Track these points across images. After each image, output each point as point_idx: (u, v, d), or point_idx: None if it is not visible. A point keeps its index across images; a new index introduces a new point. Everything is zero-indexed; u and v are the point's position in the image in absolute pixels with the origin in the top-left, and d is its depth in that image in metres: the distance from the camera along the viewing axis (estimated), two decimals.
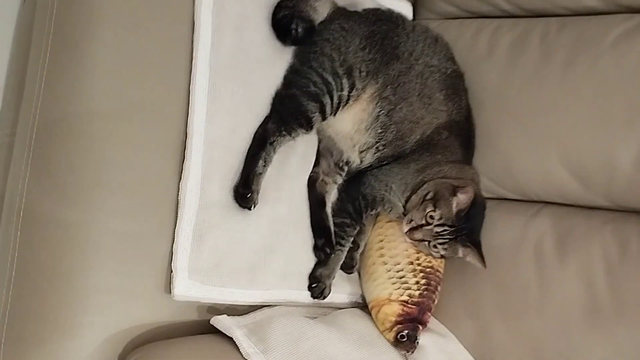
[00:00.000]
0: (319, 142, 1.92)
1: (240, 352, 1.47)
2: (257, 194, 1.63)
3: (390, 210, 1.94)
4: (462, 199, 1.80)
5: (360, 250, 2.00)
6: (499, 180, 2.06)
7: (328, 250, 1.84)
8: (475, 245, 1.85)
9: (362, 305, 2.02)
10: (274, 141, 1.68)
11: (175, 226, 1.47)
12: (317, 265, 1.86)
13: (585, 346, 1.75)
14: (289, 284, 1.77)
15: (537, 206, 2.05)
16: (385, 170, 1.92)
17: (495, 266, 1.95)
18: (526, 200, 2.08)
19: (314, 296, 1.84)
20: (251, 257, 1.65)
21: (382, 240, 1.97)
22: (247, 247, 1.64)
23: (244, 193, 1.60)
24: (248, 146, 1.65)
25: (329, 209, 1.89)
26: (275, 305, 1.76)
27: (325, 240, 1.84)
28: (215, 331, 1.54)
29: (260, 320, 1.62)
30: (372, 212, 1.95)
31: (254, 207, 1.62)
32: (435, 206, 1.82)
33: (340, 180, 1.95)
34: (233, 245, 1.61)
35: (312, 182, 1.88)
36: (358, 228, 1.94)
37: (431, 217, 1.82)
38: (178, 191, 1.50)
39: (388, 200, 1.91)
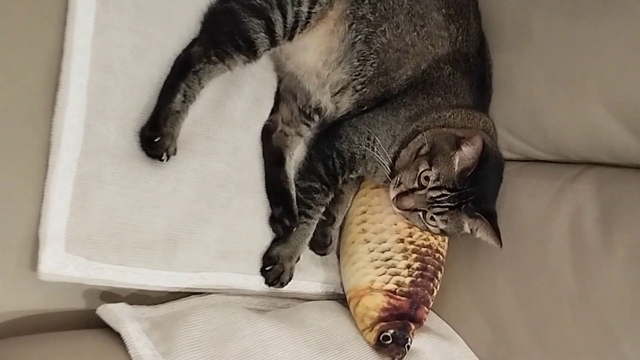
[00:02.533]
0: (279, 81, 1.47)
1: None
2: (173, 139, 1.19)
3: (374, 172, 1.47)
4: (467, 153, 1.32)
5: (336, 225, 1.54)
6: (524, 135, 1.56)
7: (288, 223, 1.38)
8: (488, 216, 1.35)
9: (342, 298, 1.55)
10: (199, 70, 1.23)
11: (46, 178, 1.03)
12: (275, 242, 1.40)
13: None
14: (232, 266, 1.33)
15: (576, 168, 1.54)
16: (367, 119, 1.46)
17: (516, 247, 1.46)
18: (560, 160, 1.58)
19: (268, 282, 1.39)
20: (169, 227, 1.22)
21: (364, 212, 1.50)
22: (161, 212, 1.20)
23: (151, 136, 1.16)
24: (164, 77, 1.20)
25: (289, 169, 1.44)
26: (211, 294, 1.31)
27: (284, 209, 1.39)
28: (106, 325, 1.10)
29: (175, 313, 1.18)
30: (350, 175, 1.48)
31: (168, 157, 1.18)
32: (431, 163, 1.34)
33: (307, 132, 1.49)
34: (140, 209, 1.18)
35: (267, 133, 1.42)
36: (331, 195, 1.47)
37: (426, 178, 1.34)
38: (51, 130, 1.07)
39: (370, 158, 1.44)
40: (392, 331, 1.38)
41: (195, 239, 1.26)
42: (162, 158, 1.18)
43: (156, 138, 1.16)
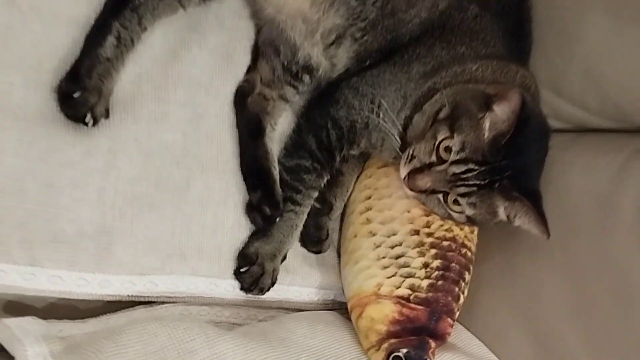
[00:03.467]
0: (257, 31, 1.15)
1: None
2: (101, 97, 0.90)
3: (380, 145, 1.14)
4: (501, 114, 0.98)
5: (334, 214, 1.21)
6: (575, 95, 1.23)
7: (268, 211, 1.06)
8: (530, 197, 1.01)
9: (344, 308, 1.22)
10: (139, 4, 0.93)
11: None
12: (253, 236, 1.09)
13: None
14: (193, 267, 1.02)
15: None
16: (370, 78, 1.14)
17: (568, 239, 1.13)
18: (623, 129, 1.22)
19: (243, 288, 1.08)
20: (100, 216, 0.92)
21: (369, 198, 1.17)
22: (89, 196, 0.91)
23: (69, 90, 0.86)
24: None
25: (270, 142, 1.12)
26: (166, 304, 1.00)
27: (263, 194, 1.07)
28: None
29: (106, 330, 0.88)
30: (351, 151, 1.16)
31: (95, 121, 0.89)
32: (452, 129, 1.01)
33: (294, 96, 1.17)
34: (58, 191, 0.88)
35: (242, 97, 1.11)
36: (326, 176, 1.15)
37: (446, 148, 1.02)
38: None
39: (375, 127, 1.12)
40: (405, 350, 1.05)
41: (139, 232, 0.96)
42: (86, 121, 0.88)
43: (75, 93, 0.86)
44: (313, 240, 1.19)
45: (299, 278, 1.17)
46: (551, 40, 1.22)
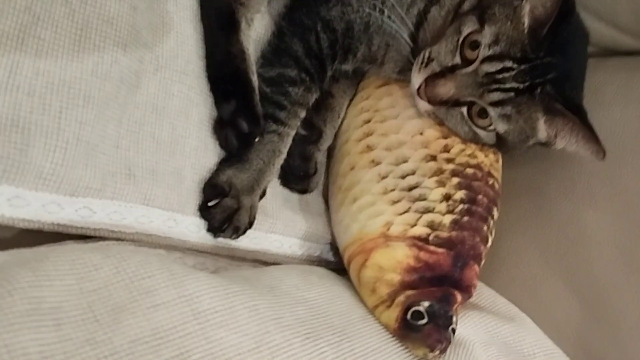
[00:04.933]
0: None
1: None
2: None
3: (384, 54, 0.91)
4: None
5: (323, 144, 0.96)
6: (606, 11, 1.02)
7: (245, 127, 0.80)
8: (576, 111, 0.79)
9: (333, 267, 0.96)
10: None
11: None
12: (225, 162, 0.83)
13: None
14: (143, 193, 0.74)
15: None
16: None
17: (613, 170, 0.91)
18: None
19: (213, 228, 0.80)
20: (11, 103, 0.64)
21: (368, 121, 0.93)
22: None
23: None
24: None
25: (246, 42, 0.85)
26: (108, 240, 0.71)
27: (239, 105, 0.81)
28: None
29: (19, 259, 0.57)
30: (344, 64, 0.92)
31: None
32: (482, 20, 0.79)
33: None
34: None
35: None
36: (315, 92, 0.90)
37: (473, 44, 0.79)
38: None
39: (378, 29, 0.89)
40: (427, 304, 0.80)
41: (69, 132, 0.67)
42: None
43: None
44: (298, 175, 0.93)
45: (279, 224, 0.90)
46: None
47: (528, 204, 0.97)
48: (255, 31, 0.91)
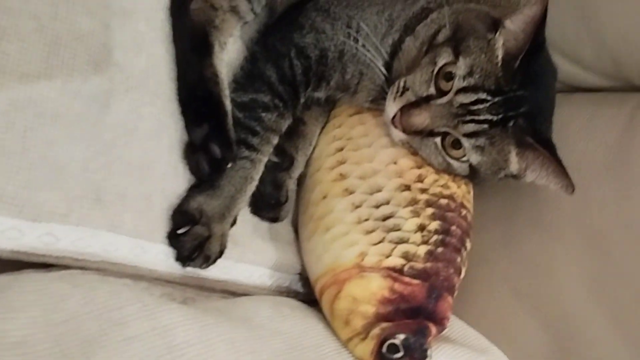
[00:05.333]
0: None
1: None
2: None
3: (357, 83, 0.90)
4: (515, 27, 0.80)
5: (295, 172, 0.94)
6: (569, 46, 1.05)
7: (218, 152, 0.78)
8: (546, 145, 0.80)
9: (302, 294, 0.94)
10: None
11: None
12: (195, 188, 0.79)
13: None
14: (111, 220, 0.71)
15: None
16: None
17: (578, 204, 0.92)
18: (621, 88, 1.06)
19: (182, 256, 0.76)
20: None
21: (341, 149, 0.91)
22: None
23: None
24: None
25: (220, 65, 0.83)
26: (72, 269, 0.66)
27: (211, 129, 0.79)
28: None
29: None
30: (317, 92, 0.91)
31: None
32: (457, 52, 0.79)
33: (248, 13, 0.92)
34: None
35: (182, 1, 0.82)
36: (288, 118, 0.89)
37: (448, 76, 0.79)
38: None
39: (352, 57, 0.89)
40: (402, 337, 0.78)
41: (35, 153, 0.63)
42: None
43: None
44: (269, 203, 0.90)
45: (249, 253, 0.88)
46: None
47: (498, 236, 0.97)
48: (228, 55, 0.89)
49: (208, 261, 0.78)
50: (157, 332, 0.57)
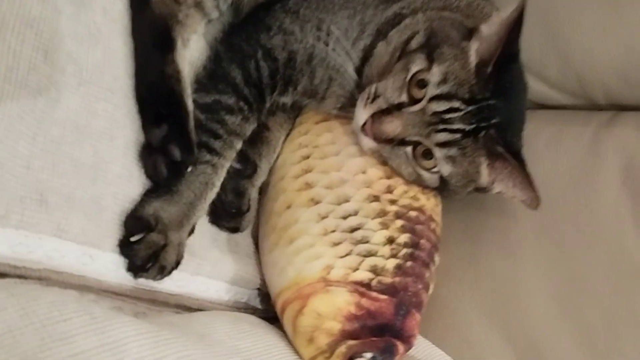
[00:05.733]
0: None
1: None
2: None
3: (325, 89, 0.87)
4: (488, 31, 0.79)
5: (258, 180, 0.89)
6: (534, 63, 1.04)
7: (178, 155, 0.72)
8: (516, 158, 0.78)
9: (260, 310, 0.88)
10: None
11: None
12: (151, 193, 0.73)
13: None
14: (56, 224, 0.63)
15: (604, 114, 1.04)
16: (315, 0, 0.86)
17: (543, 220, 0.90)
18: (581, 106, 1.07)
19: (134, 266, 0.70)
20: None
21: (307, 157, 0.87)
22: None
23: None
24: None
25: (182, 62, 0.78)
26: (9, 277, 0.59)
27: (171, 129, 0.73)
28: None
29: None
30: (283, 97, 0.88)
31: None
32: (431, 59, 0.77)
33: (213, 11, 0.87)
34: None
35: None
36: (253, 122, 0.85)
37: (420, 83, 0.77)
38: None
39: (321, 61, 0.85)
40: (369, 355, 0.74)
41: None
42: None
43: None
44: (230, 212, 0.85)
45: (207, 265, 0.82)
46: None
47: (463, 251, 0.95)
48: (190, 53, 0.84)
49: (163, 272, 0.72)
50: (107, 349, 0.51)
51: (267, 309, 0.90)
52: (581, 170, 0.96)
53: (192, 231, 0.78)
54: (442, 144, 0.79)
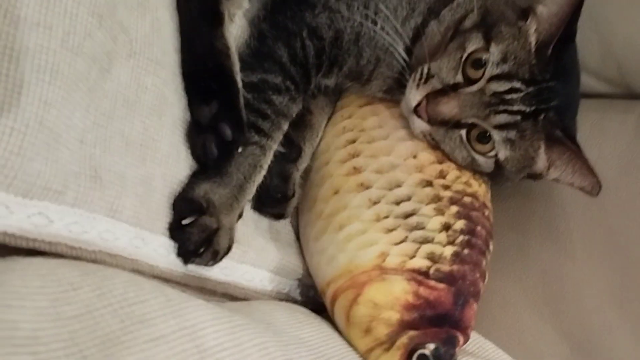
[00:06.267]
0: None
1: None
2: None
3: (371, 70, 0.83)
4: (548, 14, 0.74)
5: (303, 165, 0.85)
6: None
7: (229, 134, 0.68)
8: (573, 141, 0.75)
9: (299, 302, 0.84)
10: None
11: None
12: (198, 175, 0.68)
13: None
14: (112, 203, 0.58)
15: None
16: None
17: (591, 212, 0.88)
18: (624, 95, 1.03)
19: (187, 250, 0.65)
20: None
21: (353, 142, 0.83)
22: None
23: None
24: None
25: (230, 37, 0.73)
26: (63, 258, 0.54)
27: (222, 107, 0.68)
28: None
29: None
30: (327, 78, 0.84)
31: None
32: (488, 38, 0.73)
33: None
34: None
35: None
36: (300, 102, 0.80)
37: (476, 63, 0.74)
38: None
39: (369, 41, 0.82)
40: (432, 347, 0.71)
41: (28, 114, 0.51)
42: None
43: None
44: (275, 198, 0.81)
45: (251, 253, 0.77)
46: None
47: (510, 242, 0.92)
48: (235, 30, 0.80)
49: (216, 257, 0.68)
50: (186, 333, 0.46)
51: (305, 302, 0.86)
52: (629, 159, 0.94)
53: (240, 215, 0.74)
54: (501, 127, 0.76)
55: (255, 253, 0.78)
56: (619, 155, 0.93)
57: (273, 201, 0.81)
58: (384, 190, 0.79)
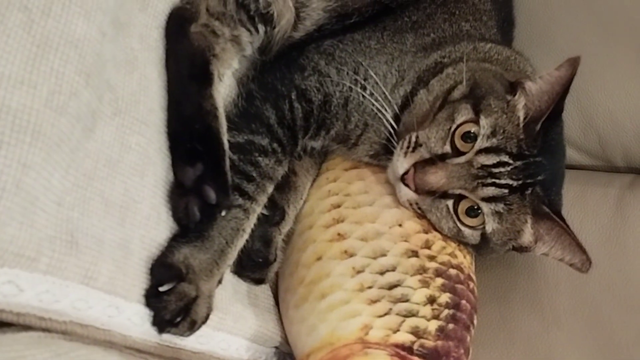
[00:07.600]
0: None
1: None
2: None
3: (357, 135, 0.82)
4: (537, 91, 0.75)
5: (286, 228, 0.83)
6: None
7: (213, 197, 0.66)
8: (559, 216, 0.75)
9: None
10: None
11: None
12: (178, 239, 0.66)
13: None
14: (87, 270, 0.55)
15: (625, 177, 1.02)
16: (351, 43, 0.85)
17: (575, 282, 0.87)
18: (600, 167, 1.05)
19: (162, 320, 0.62)
20: None
21: (338, 207, 0.81)
22: None
23: None
24: None
25: (218, 97, 0.72)
26: (32, 331, 0.50)
27: (207, 169, 0.66)
28: None
29: None
30: (314, 141, 0.83)
31: None
32: (477, 110, 0.73)
33: (248, 47, 0.82)
34: None
35: (181, 23, 0.73)
36: (285, 165, 0.78)
37: (465, 136, 0.74)
38: None
39: (357, 106, 0.81)
40: None
41: (6, 184, 0.49)
42: None
43: None
44: (256, 262, 0.78)
45: (229, 320, 0.74)
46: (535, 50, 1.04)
47: (494, 313, 0.90)
48: (223, 90, 0.78)
49: (193, 327, 0.65)
50: None
51: None
52: (610, 233, 0.94)
53: (220, 280, 0.71)
54: (489, 199, 0.75)
55: (233, 320, 0.75)
56: (600, 228, 0.94)
57: (254, 265, 0.78)
58: (369, 259, 0.77)
